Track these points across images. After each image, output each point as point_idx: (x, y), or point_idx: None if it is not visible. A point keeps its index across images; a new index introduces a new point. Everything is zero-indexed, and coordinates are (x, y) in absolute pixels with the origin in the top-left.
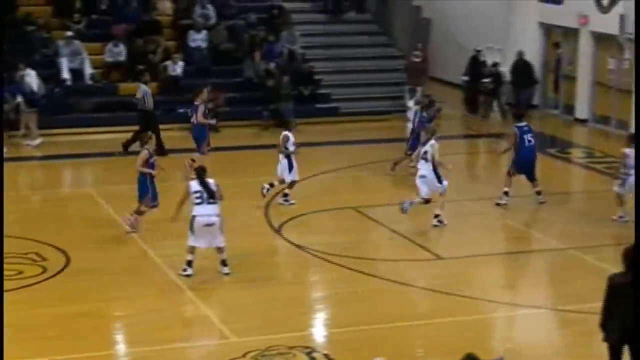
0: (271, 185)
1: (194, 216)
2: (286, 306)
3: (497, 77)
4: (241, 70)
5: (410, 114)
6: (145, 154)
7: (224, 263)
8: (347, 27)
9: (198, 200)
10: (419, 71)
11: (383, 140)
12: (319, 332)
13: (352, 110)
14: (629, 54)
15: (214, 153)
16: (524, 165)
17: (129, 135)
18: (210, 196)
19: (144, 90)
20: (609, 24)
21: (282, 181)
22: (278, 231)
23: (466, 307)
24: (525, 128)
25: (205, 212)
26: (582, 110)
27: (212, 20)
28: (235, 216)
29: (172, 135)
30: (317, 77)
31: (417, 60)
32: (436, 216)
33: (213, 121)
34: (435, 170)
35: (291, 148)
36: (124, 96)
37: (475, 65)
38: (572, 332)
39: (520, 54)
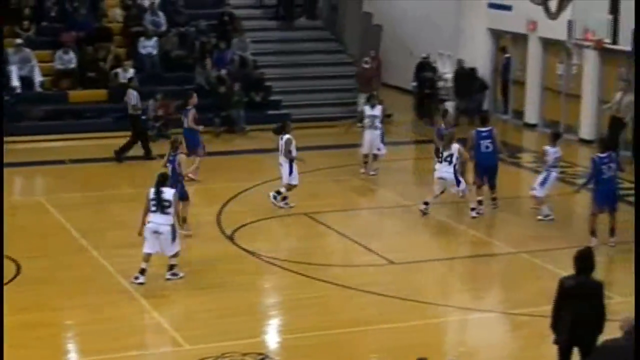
0: (278, 192)
1: (148, 222)
2: (239, 313)
3: (431, 82)
4: (192, 77)
5: (377, 122)
6: (185, 158)
7: (170, 267)
8: (298, 33)
9: (153, 208)
10: (369, 77)
11: (334, 146)
12: (272, 339)
13: (303, 116)
14: (576, 59)
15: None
16: (482, 171)
17: (81, 143)
18: (165, 206)
19: (135, 96)
20: (557, 29)
21: (287, 186)
22: (230, 238)
23: (419, 312)
24: (485, 133)
25: (157, 221)
26: (531, 115)
27: (163, 27)
28: (187, 223)
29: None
30: (268, 83)
31: (367, 66)
32: (473, 209)
33: (200, 127)
34: (455, 173)
35: (294, 152)
36: (74, 104)
37: (423, 72)
38: (524, 334)
39: (460, 63)
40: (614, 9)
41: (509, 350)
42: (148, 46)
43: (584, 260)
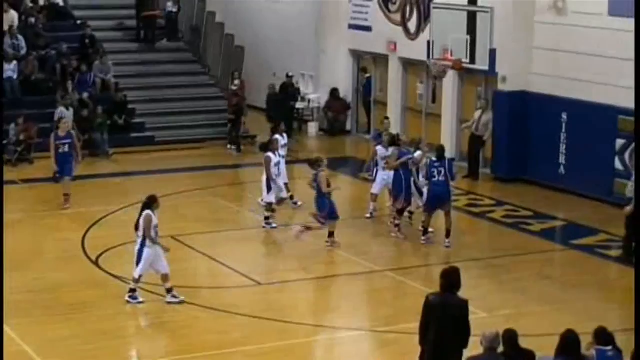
0: (267, 217)
1: None
2: (105, 338)
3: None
4: (54, 101)
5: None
6: (326, 175)
7: (130, 290)
8: (160, 55)
9: None
10: (239, 99)
11: (200, 168)
12: None
13: (167, 138)
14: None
15: (28, 185)
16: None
17: None
18: (137, 228)
19: (61, 112)
20: (416, 50)
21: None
22: (95, 262)
23: (286, 332)
24: (397, 151)
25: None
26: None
27: (23, 51)
28: (50, 247)
29: None
30: (131, 106)
31: (236, 88)
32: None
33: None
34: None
35: (273, 169)
36: None
37: (288, 91)
38: (390, 352)
39: (272, 88)
40: (471, 29)
41: None
42: (8, 70)
43: (450, 277)
